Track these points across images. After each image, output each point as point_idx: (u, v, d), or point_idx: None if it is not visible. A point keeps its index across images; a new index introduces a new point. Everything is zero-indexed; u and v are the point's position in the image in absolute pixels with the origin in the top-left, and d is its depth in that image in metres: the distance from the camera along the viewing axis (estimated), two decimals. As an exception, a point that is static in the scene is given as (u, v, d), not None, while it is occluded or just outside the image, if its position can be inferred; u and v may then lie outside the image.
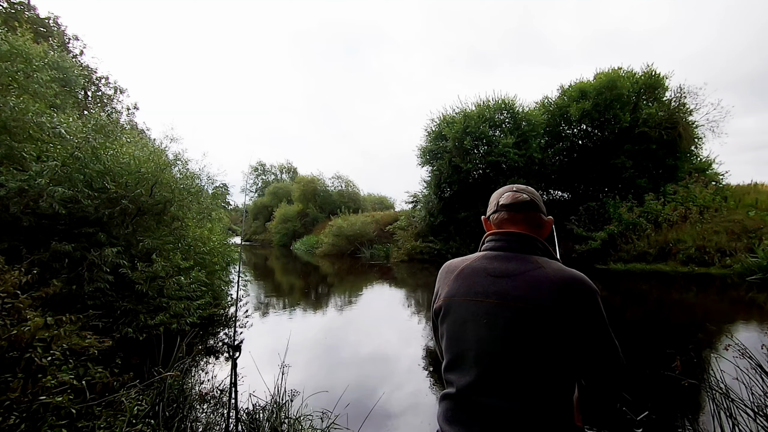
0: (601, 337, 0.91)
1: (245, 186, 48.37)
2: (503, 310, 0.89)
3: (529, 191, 1.09)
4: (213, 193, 7.53)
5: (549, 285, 0.89)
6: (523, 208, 1.04)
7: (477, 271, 0.98)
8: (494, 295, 0.92)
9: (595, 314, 0.90)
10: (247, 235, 36.78)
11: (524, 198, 1.05)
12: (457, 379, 0.92)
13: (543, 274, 0.92)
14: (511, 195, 1.07)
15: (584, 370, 0.92)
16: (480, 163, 15.40)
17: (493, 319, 0.89)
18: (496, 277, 0.94)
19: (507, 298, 0.90)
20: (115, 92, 15.01)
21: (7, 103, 4.38)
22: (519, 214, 1.04)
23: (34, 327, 2.34)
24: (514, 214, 1.04)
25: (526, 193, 1.07)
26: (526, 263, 0.95)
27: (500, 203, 1.07)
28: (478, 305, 0.92)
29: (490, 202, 1.12)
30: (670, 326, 5.70)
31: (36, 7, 12.29)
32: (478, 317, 0.91)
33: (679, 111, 13.46)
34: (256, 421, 2.53)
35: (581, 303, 0.89)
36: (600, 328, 0.91)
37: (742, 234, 9.89)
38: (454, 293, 0.98)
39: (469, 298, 0.95)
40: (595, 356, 0.91)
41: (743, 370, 2.33)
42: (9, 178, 4.01)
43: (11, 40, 5.34)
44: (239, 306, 6.79)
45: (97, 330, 3.66)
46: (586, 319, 0.89)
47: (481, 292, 0.94)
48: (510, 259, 0.97)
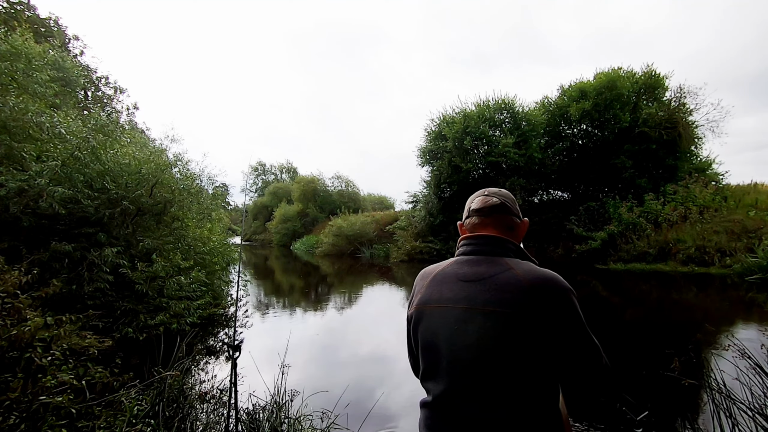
0: (578, 337, 0.88)
1: (245, 186, 48.39)
2: (473, 315, 0.87)
3: (501, 194, 1.08)
4: (213, 193, 7.53)
5: (519, 287, 0.87)
6: (492, 211, 1.04)
7: (448, 276, 0.97)
8: (464, 300, 0.90)
9: (569, 314, 0.87)
10: (247, 235, 36.77)
11: (494, 201, 1.05)
12: (433, 387, 0.91)
13: (512, 276, 0.89)
14: (481, 199, 1.07)
15: (564, 373, 0.89)
16: (480, 163, 15.41)
17: (463, 326, 0.87)
18: (466, 282, 0.93)
19: (476, 303, 0.88)
20: (115, 92, 15.00)
21: (7, 102, 4.38)
22: (489, 218, 1.04)
23: (34, 327, 2.34)
24: (484, 218, 1.04)
25: (496, 197, 1.06)
26: (496, 266, 0.93)
27: (472, 208, 1.07)
28: (449, 312, 0.91)
29: (465, 208, 1.11)
30: (670, 326, 5.70)
31: (36, 7, 12.30)
32: (449, 324, 0.89)
33: (679, 111, 13.46)
34: (256, 421, 2.53)
35: (554, 303, 0.86)
36: (576, 327, 0.88)
37: (742, 234, 9.89)
38: (426, 300, 0.96)
39: (440, 304, 0.93)
40: (574, 358, 0.88)
41: (743, 370, 2.33)
42: (9, 178, 4.01)
43: (11, 40, 5.33)
44: (239, 306, 6.79)
45: (97, 330, 3.66)
46: (560, 320, 0.86)
47: (451, 298, 0.92)
48: (480, 262, 0.96)
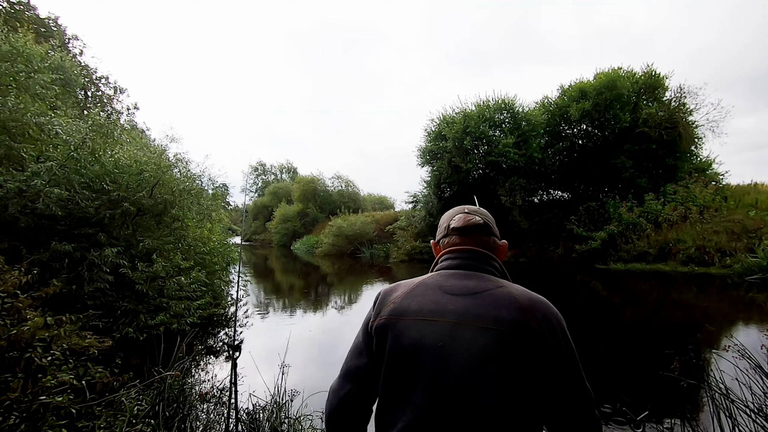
0: (573, 373, 0.78)
1: (245, 186, 48.39)
2: (463, 331, 0.76)
3: (482, 213, 1.00)
4: (213, 193, 7.53)
5: (515, 305, 0.78)
6: (475, 231, 0.94)
7: (431, 287, 0.85)
8: (452, 314, 0.78)
9: (567, 344, 0.79)
10: (247, 235, 36.77)
11: (477, 220, 0.95)
12: (400, 417, 0.76)
13: (508, 293, 0.81)
14: (462, 217, 0.96)
15: (552, 414, 0.78)
16: (480, 163, 15.41)
17: (450, 342, 0.75)
18: (454, 295, 0.81)
19: (467, 318, 0.77)
20: (115, 92, 15.01)
21: (6, 103, 4.38)
22: (470, 238, 0.93)
23: (34, 327, 2.34)
24: (466, 237, 0.93)
25: (478, 215, 0.97)
26: (487, 281, 0.84)
27: (451, 226, 0.96)
28: (432, 325, 0.78)
29: (440, 226, 1.01)
30: (670, 326, 5.70)
31: (36, 7, 12.32)
32: (432, 339, 0.76)
33: (679, 111, 13.45)
34: (256, 421, 2.53)
35: (553, 328, 0.78)
36: (573, 361, 0.79)
37: (742, 234, 9.89)
38: (402, 311, 0.82)
39: (421, 317, 0.79)
40: (566, 397, 0.77)
41: (743, 370, 2.33)
42: (8, 178, 4.01)
43: (12, 41, 5.34)
44: (239, 306, 6.79)
45: (97, 330, 3.66)
46: (558, 348, 0.77)
47: (435, 311, 0.79)
48: (469, 276, 0.86)
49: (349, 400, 0.85)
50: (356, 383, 0.85)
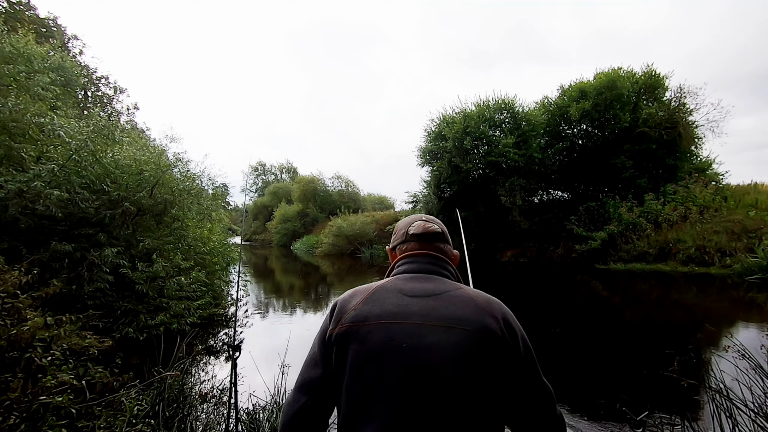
0: (532, 370, 0.81)
1: (245, 186, 48.39)
2: (428, 331, 0.76)
3: (438, 222, 1.02)
4: (213, 193, 7.53)
5: (475, 305, 0.80)
6: (433, 238, 0.97)
7: (390, 291, 0.85)
8: (415, 315, 0.78)
9: (524, 342, 0.82)
10: (247, 235, 36.77)
11: (435, 228, 0.98)
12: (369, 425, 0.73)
13: (466, 294, 0.83)
14: (421, 225, 0.98)
15: (514, 414, 0.81)
16: (480, 163, 15.41)
17: (415, 342, 0.75)
18: (415, 297, 0.82)
19: (430, 319, 0.77)
20: (115, 92, 15.00)
21: (7, 103, 4.38)
22: (430, 245, 0.96)
23: (34, 327, 2.34)
24: (426, 243, 0.96)
25: (436, 224, 1.00)
26: (445, 284, 0.87)
27: (410, 233, 0.98)
28: (398, 327, 0.77)
29: (397, 232, 1.03)
30: (670, 326, 5.70)
31: (36, 7, 12.31)
32: (398, 342, 0.75)
33: (679, 111, 13.45)
34: (256, 421, 2.53)
35: (510, 326, 0.80)
36: (531, 359, 0.82)
37: (742, 234, 9.89)
38: (364, 318, 0.80)
39: (384, 320, 0.78)
40: (528, 395, 0.80)
41: (743, 370, 2.33)
42: (9, 179, 4.01)
43: (13, 41, 5.34)
44: (239, 306, 6.79)
45: (97, 330, 3.66)
46: (516, 346, 0.79)
47: (397, 314, 0.79)
48: (428, 279, 0.88)
49: (305, 413, 0.82)
50: (312, 396, 0.83)
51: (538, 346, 2.91)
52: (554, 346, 4.86)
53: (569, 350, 4.71)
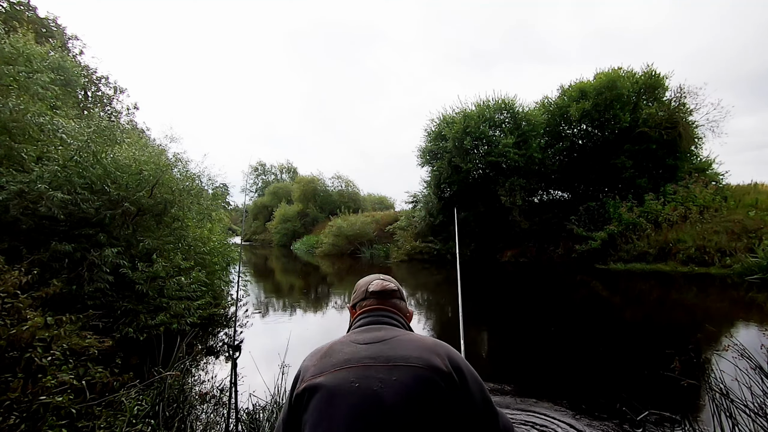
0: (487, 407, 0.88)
1: (245, 186, 48.41)
2: (377, 371, 0.81)
3: (394, 281, 1.15)
4: (213, 193, 7.54)
5: (421, 344, 0.88)
6: (391, 295, 1.09)
7: (345, 343, 0.93)
8: (366, 358, 0.85)
9: (475, 380, 0.88)
10: (247, 235, 36.77)
11: (391, 287, 1.11)
12: None
13: (413, 337, 0.93)
14: (379, 283, 1.11)
15: None
16: (480, 163, 15.41)
17: (365, 382, 0.80)
18: (366, 344, 0.90)
19: (379, 360, 0.84)
20: (115, 92, 15.00)
21: (7, 104, 4.38)
22: (387, 301, 1.08)
23: (34, 327, 2.34)
24: (384, 300, 1.08)
25: (393, 283, 1.13)
26: (395, 331, 0.96)
27: (369, 290, 1.10)
28: (348, 371, 0.83)
29: (357, 290, 1.15)
30: (670, 326, 5.70)
31: (36, 7, 12.30)
32: (349, 383, 0.80)
33: (679, 111, 13.45)
34: (256, 421, 2.53)
35: (455, 362, 0.87)
36: (483, 396, 0.88)
37: (742, 234, 9.88)
38: (321, 370, 0.86)
39: (337, 368, 0.84)
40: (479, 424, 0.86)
41: (743, 370, 2.33)
42: (9, 179, 4.01)
43: (13, 41, 5.34)
44: (239, 306, 6.79)
45: (97, 330, 3.66)
46: (467, 382, 0.86)
47: (349, 360, 0.86)
48: (378, 329, 0.97)
49: None
50: None
51: (538, 346, 2.93)
52: (554, 346, 4.86)
53: (569, 350, 4.71)
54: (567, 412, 3.04)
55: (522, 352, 4.83)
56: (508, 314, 6.87)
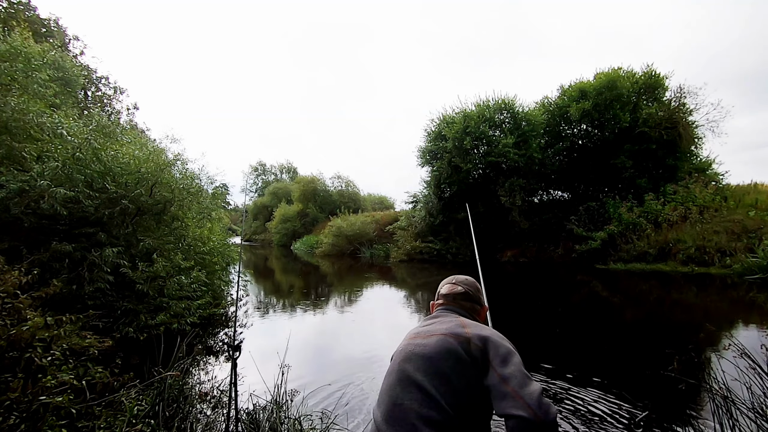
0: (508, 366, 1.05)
1: (245, 186, 48.39)
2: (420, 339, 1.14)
3: (467, 283, 1.37)
4: (213, 193, 7.53)
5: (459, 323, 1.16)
6: (456, 297, 1.33)
7: (412, 331, 1.25)
8: (416, 334, 1.19)
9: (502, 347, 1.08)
10: (247, 235, 36.77)
11: (458, 290, 1.34)
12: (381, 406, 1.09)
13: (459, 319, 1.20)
14: (448, 287, 1.37)
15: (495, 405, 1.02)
16: (480, 163, 15.41)
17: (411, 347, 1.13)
18: (423, 326, 1.23)
19: (422, 333, 1.17)
20: (115, 92, 14.99)
21: (8, 103, 4.38)
22: (454, 302, 1.33)
23: (34, 327, 2.34)
24: (449, 301, 1.33)
25: (461, 285, 1.36)
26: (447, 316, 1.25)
27: (440, 292, 1.38)
28: (406, 343, 1.17)
29: (438, 290, 1.42)
30: (670, 326, 5.70)
31: (36, 7, 12.28)
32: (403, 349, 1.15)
33: (679, 111, 13.45)
34: (256, 421, 2.53)
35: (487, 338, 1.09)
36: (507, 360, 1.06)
37: (742, 234, 9.88)
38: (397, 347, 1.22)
39: (400, 347, 1.19)
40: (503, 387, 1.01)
41: (743, 370, 2.33)
42: (10, 178, 4.01)
43: (10, 40, 5.33)
44: (239, 306, 6.79)
45: (98, 330, 3.66)
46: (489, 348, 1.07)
47: (410, 336, 1.20)
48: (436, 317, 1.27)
49: None
50: None
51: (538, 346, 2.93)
52: (554, 345, 4.86)
53: (569, 350, 4.71)
54: (567, 412, 3.04)
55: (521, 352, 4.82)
56: (508, 314, 6.87)
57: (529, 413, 0.89)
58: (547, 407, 0.91)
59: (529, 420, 0.88)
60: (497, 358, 1.04)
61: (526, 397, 0.92)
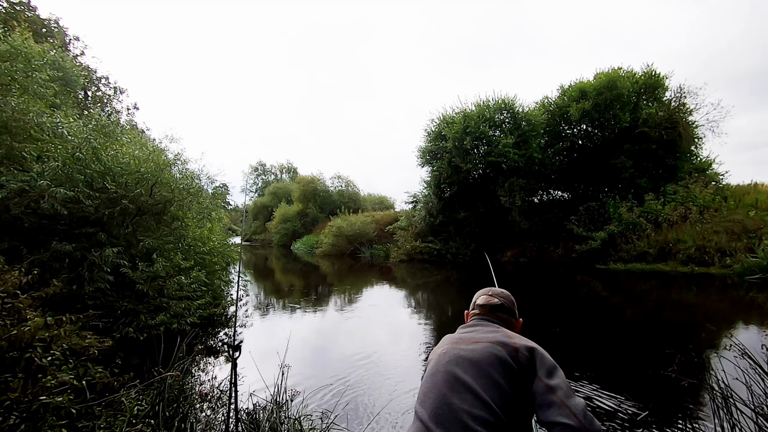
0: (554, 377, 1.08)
1: (245, 186, 48.39)
2: (463, 345, 1.17)
3: (503, 296, 1.38)
4: (213, 193, 7.54)
5: (503, 333, 1.19)
6: (493, 309, 1.34)
7: (453, 336, 1.28)
8: (457, 341, 1.21)
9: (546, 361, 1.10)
10: (247, 235, 36.77)
11: (495, 302, 1.36)
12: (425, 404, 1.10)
13: (500, 329, 1.23)
14: (485, 298, 1.38)
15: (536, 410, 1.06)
16: (480, 163, 15.40)
17: (451, 354, 1.15)
18: (463, 335, 1.25)
19: (465, 340, 1.20)
20: (115, 92, 15.00)
21: (8, 103, 4.38)
22: (490, 314, 1.34)
23: (34, 327, 2.34)
24: (486, 312, 1.34)
25: (498, 297, 1.37)
26: (488, 326, 1.27)
27: (477, 303, 1.39)
28: (447, 346, 1.21)
29: (473, 299, 1.43)
30: (671, 326, 5.70)
31: (36, 7, 12.29)
32: (443, 354, 1.18)
33: (679, 111, 13.45)
34: (256, 421, 2.53)
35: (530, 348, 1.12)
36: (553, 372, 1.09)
37: (742, 234, 9.88)
38: (436, 350, 1.25)
39: (443, 350, 1.21)
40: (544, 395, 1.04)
41: (743, 370, 2.33)
42: (10, 178, 4.01)
43: (10, 40, 5.34)
44: (239, 306, 6.79)
45: (98, 330, 3.66)
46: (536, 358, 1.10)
47: (449, 344, 1.22)
48: (476, 326, 1.28)
49: None
50: None
51: (538, 346, 2.79)
52: (554, 345, 4.84)
53: (569, 350, 4.70)
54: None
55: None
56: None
57: (576, 422, 0.93)
58: (591, 419, 0.95)
59: (576, 428, 0.93)
60: (543, 368, 1.07)
61: (572, 408, 0.97)
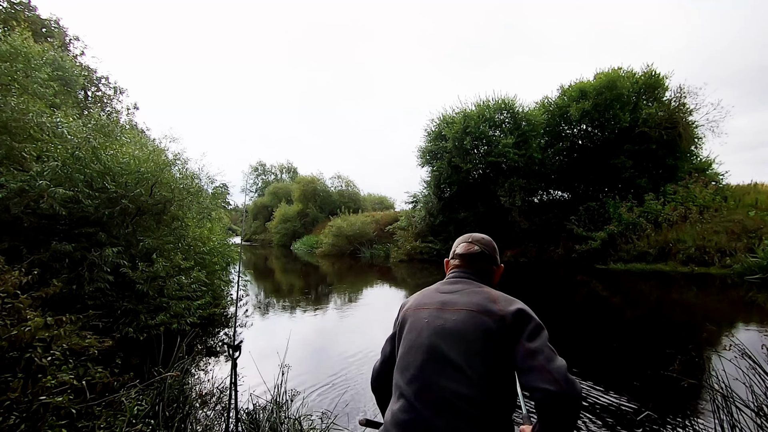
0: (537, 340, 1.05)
1: (245, 186, 48.39)
2: (444, 313, 1.11)
3: (483, 242, 1.29)
4: (213, 193, 7.53)
5: (486, 296, 1.11)
6: (473, 259, 1.27)
7: (430, 290, 1.23)
8: (438, 303, 1.15)
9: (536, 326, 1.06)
10: (247, 235, 36.76)
11: (475, 249, 1.27)
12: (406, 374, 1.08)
13: (483, 290, 1.15)
14: (464, 246, 1.30)
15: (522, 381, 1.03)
16: (480, 163, 15.40)
17: (434, 319, 1.10)
18: (443, 293, 1.18)
19: (447, 305, 1.12)
20: (115, 92, 14.99)
21: (8, 103, 4.38)
22: (468, 262, 1.27)
23: (34, 327, 2.33)
24: (467, 262, 1.27)
25: (478, 245, 1.28)
26: (471, 285, 1.18)
27: (456, 252, 1.31)
28: (425, 310, 1.15)
29: (452, 247, 1.35)
30: (671, 326, 5.70)
31: (36, 7, 12.28)
32: (424, 318, 1.13)
33: (679, 111, 13.45)
34: (256, 421, 2.53)
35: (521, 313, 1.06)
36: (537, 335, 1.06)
37: (742, 234, 9.88)
38: (412, 305, 1.21)
39: (419, 307, 1.17)
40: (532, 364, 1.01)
41: (743, 370, 2.33)
42: (9, 178, 4.01)
43: (10, 40, 5.33)
44: (239, 306, 6.79)
45: (97, 330, 3.66)
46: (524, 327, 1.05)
47: (428, 303, 1.17)
48: (458, 282, 1.21)
49: (378, 368, 1.30)
50: (383, 359, 1.28)
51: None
52: (554, 345, 4.85)
53: (569, 350, 4.70)
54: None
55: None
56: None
57: (557, 387, 0.92)
58: (573, 382, 0.94)
59: (556, 393, 0.91)
60: (526, 332, 1.05)
61: (553, 372, 0.94)
